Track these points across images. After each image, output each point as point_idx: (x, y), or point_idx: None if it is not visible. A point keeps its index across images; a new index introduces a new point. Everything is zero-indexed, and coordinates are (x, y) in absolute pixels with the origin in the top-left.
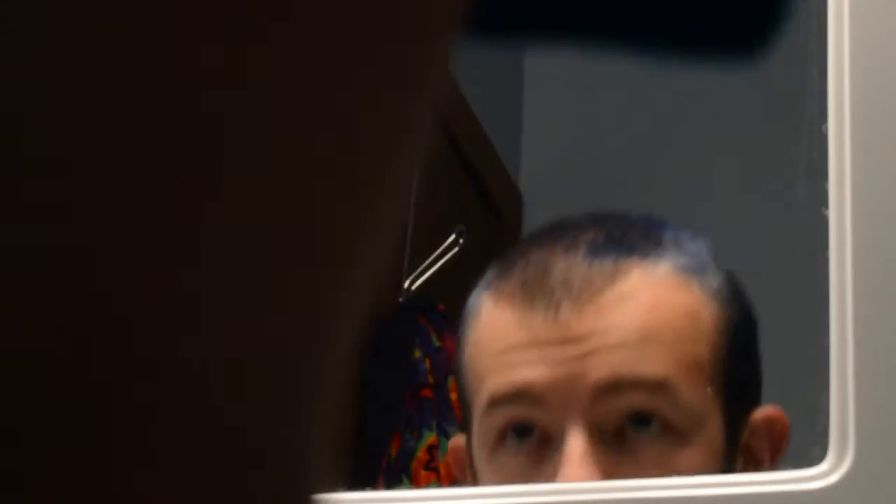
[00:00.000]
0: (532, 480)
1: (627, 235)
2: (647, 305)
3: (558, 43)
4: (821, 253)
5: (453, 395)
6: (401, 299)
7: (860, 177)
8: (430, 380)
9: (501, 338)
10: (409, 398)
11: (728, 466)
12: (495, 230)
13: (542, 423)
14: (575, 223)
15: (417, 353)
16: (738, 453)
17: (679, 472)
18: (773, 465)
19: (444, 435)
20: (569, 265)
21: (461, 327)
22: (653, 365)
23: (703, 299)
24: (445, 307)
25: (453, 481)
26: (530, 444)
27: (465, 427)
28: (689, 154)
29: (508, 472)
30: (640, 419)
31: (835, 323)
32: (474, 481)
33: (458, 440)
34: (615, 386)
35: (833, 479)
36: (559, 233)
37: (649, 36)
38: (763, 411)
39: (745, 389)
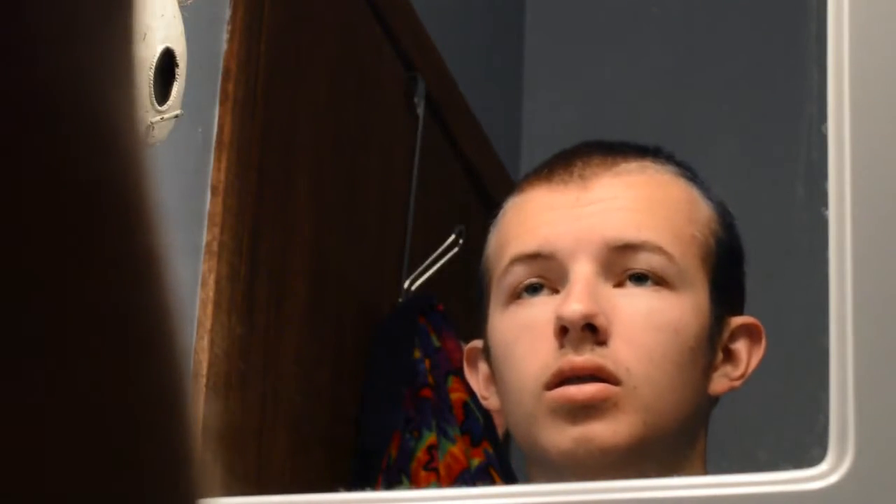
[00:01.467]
0: (537, 323)
1: (641, 146)
2: (654, 182)
3: None
4: (821, 253)
5: (453, 396)
6: (401, 299)
7: (860, 177)
8: (430, 380)
9: (526, 210)
10: (409, 398)
11: (710, 355)
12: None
13: (553, 276)
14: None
15: (417, 353)
16: (719, 347)
17: (669, 326)
18: (750, 369)
19: (444, 435)
20: (589, 151)
21: (490, 227)
22: (653, 232)
23: (702, 200)
24: (445, 307)
25: (453, 481)
26: (541, 297)
27: (480, 324)
28: (688, 154)
29: (518, 321)
30: (638, 277)
31: (835, 323)
32: (488, 368)
33: (475, 343)
34: (620, 245)
35: (833, 479)
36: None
37: None
38: (742, 318)
39: (728, 293)
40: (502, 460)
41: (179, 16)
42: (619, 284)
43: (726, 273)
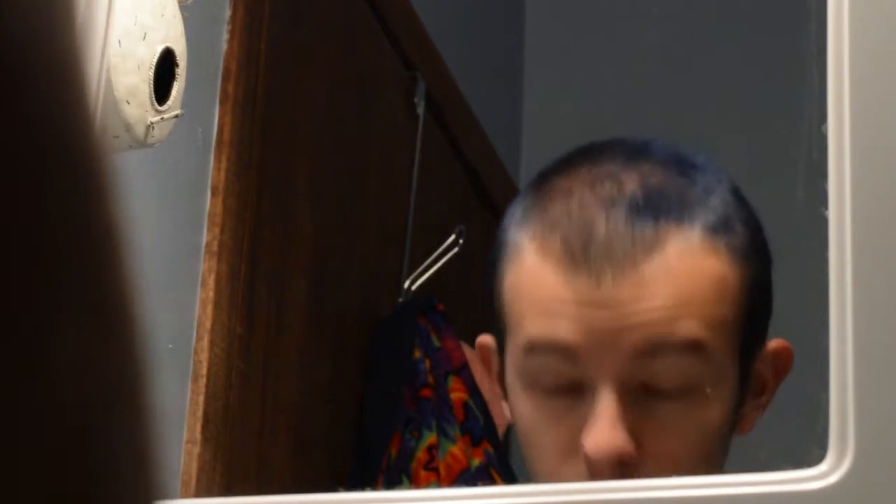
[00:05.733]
0: (560, 425)
1: (665, 192)
2: (681, 275)
3: None
4: (821, 253)
5: (453, 396)
6: (401, 299)
7: (860, 177)
8: (430, 380)
9: (543, 288)
10: (409, 398)
11: (740, 401)
12: (495, 230)
13: (576, 376)
14: (608, 156)
15: (417, 353)
16: (749, 383)
17: (700, 431)
18: (776, 387)
19: (444, 435)
20: (609, 231)
21: (493, 254)
22: (686, 328)
23: (730, 261)
24: (445, 307)
25: (453, 481)
26: (562, 391)
27: (497, 333)
28: None
29: (540, 412)
30: (671, 387)
31: (835, 323)
32: (501, 390)
33: (486, 338)
34: (650, 349)
35: (833, 479)
36: (595, 171)
37: None
38: (771, 344)
39: (761, 330)
40: (502, 460)
41: (179, 16)
42: (652, 390)
43: (759, 318)
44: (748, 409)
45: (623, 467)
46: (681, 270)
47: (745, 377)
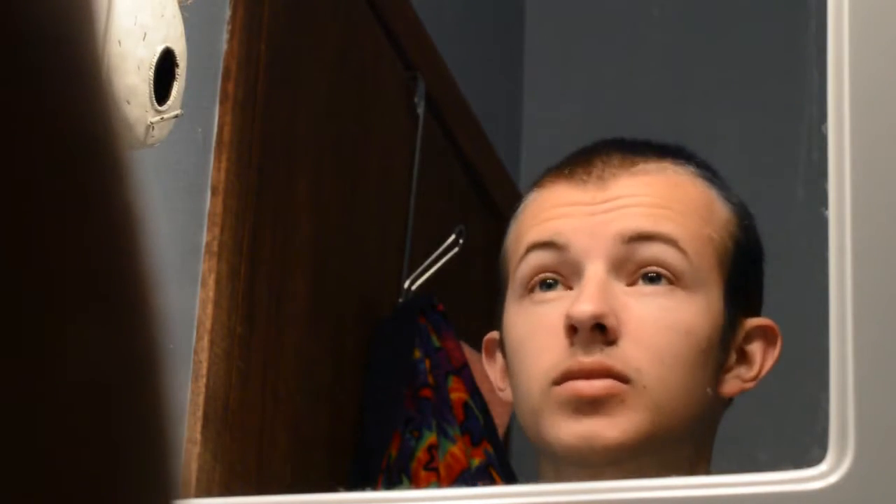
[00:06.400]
0: (550, 326)
1: (662, 145)
2: (671, 182)
3: None
4: (821, 253)
5: (453, 396)
6: (401, 299)
7: (860, 177)
8: (430, 380)
9: (542, 204)
10: (409, 398)
11: (723, 356)
12: (495, 230)
13: (567, 272)
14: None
15: (417, 353)
16: (732, 348)
17: (677, 328)
18: (764, 370)
19: (444, 435)
20: (609, 150)
21: (510, 221)
22: (669, 225)
23: (720, 200)
24: (445, 307)
25: (453, 481)
26: (554, 293)
27: (498, 317)
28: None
29: (531, 316)
30: (651, 276)
31: (835, 323)
32: (504, 360)
33: (493, 334)
34: (634, 237)
35: (833, 479)
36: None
37: None
38: (758, 319)
39: (744, 295)
40: (502, 460)
41: (179, 16)
42: (632, 283)
43: (743, 275)
44: (732, 376)
45: (604, 343)
46: (673, 183)
47: (732, 325)
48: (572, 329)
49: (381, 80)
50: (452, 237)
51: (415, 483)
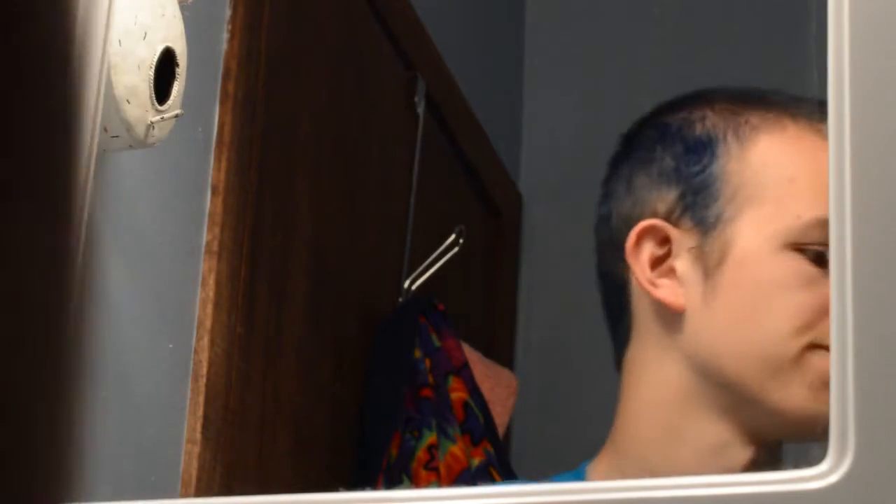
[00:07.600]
0: (820, 298)
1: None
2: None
3: None
4: None
5: (453, 395)
6: (401, 299)
7: (860, 177)
8: (431, 379)
9: (806, 156)
10: (410, 398)
11: None
12: (495, 230)
13: None
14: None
15: (417, 353)
16: None
17: None
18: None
19: (444, 435)
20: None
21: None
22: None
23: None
24: (445, 307)
25: (454, 481)
26: (826, 272)
27: (700, 209)
28: None
29: (804, 275)
30: None
31: (835, 323)
32: (660, 273)
33: (653, 221)
34: None
35: (833, 479)
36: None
37: None
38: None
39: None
40: (502, 460)
41: (179, 15)
42: None
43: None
44: None
45: None
46: None
47: None
48: None
49: (381, 80)
50: (452, 237)
51: (415, 482)
